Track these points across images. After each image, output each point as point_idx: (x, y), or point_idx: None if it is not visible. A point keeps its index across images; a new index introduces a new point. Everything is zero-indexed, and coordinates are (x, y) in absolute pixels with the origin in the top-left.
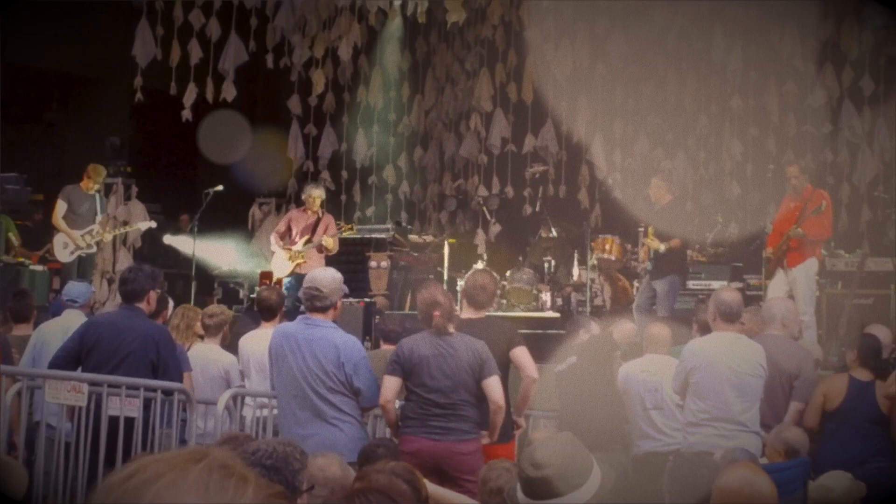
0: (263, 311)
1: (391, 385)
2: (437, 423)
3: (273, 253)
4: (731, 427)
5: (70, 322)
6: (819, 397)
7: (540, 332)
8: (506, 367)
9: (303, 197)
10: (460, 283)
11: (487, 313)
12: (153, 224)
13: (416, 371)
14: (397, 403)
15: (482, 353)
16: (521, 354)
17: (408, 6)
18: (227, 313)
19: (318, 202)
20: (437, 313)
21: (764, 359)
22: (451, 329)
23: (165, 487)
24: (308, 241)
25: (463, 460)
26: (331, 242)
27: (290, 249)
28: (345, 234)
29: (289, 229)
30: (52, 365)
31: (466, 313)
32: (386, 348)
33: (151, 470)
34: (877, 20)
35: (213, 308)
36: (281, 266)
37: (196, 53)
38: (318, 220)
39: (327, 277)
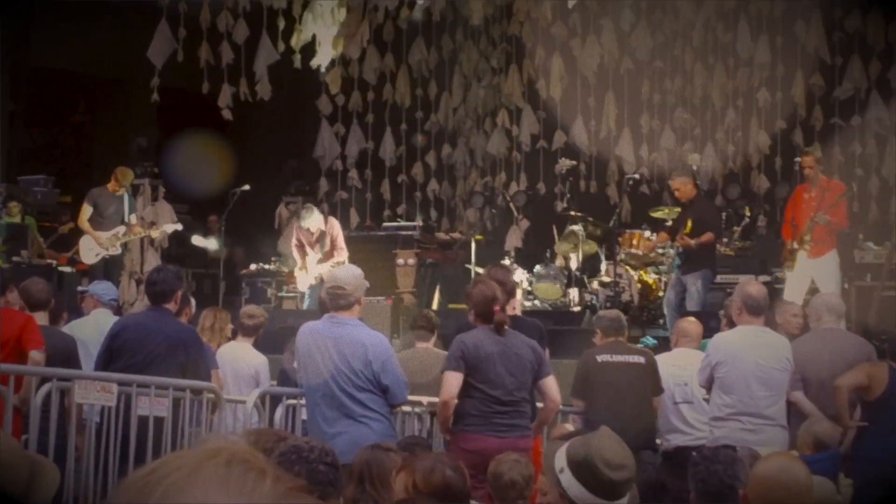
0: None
1: (455, 381)
2: (501, 421)
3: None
4: (757, 421)
5: (102, 320)
6: (864, 379)
7: (566, 328)
8: None
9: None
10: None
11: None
12: (179, 226)
13: (481, 368)
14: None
15: (540, 352)
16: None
17: (434, 4)
18: (265, 315)
19: (314, 227)
20: (497, 308)
21: (790, 352)
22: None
23: (180, 480)
24: (322, 260)
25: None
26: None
27: (307, 265)
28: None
29: (301, 243)
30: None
31: None
32: (421, 346)
33: (169, 465)
34: None
35: (254, 310)
36: (303, 279)
37: (227, 54)
38: (322, 233)
39: (350, 275)
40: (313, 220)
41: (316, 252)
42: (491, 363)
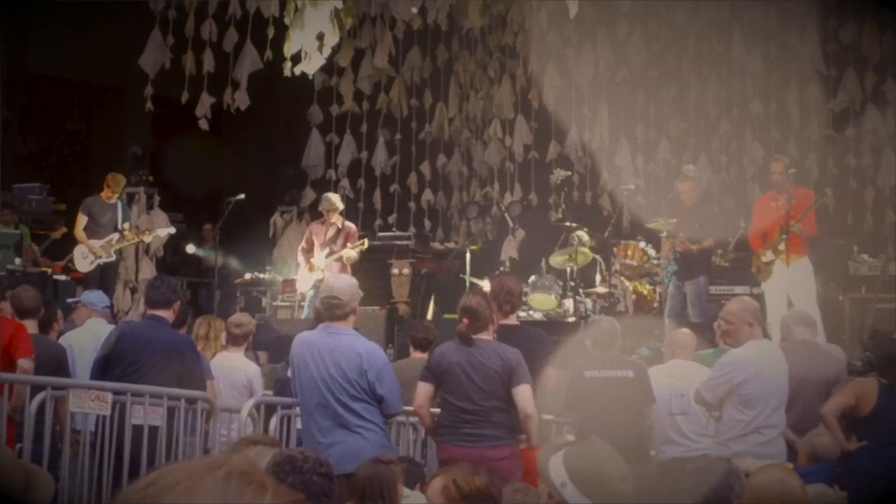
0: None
1: (423, 391)
2: (468, 431)
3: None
4: (771, 432)
5: (98, 329)
6: (851, 400)
7: (561, 338)
8: (536, 375)
9: (319, 208)
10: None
11: (519, 320)
12: (172, 230)
13: (445, 378)
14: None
15: (512, 361)
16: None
17: (428, 14)
18: (253, 323)
19: (335, 214)
20: (464, 320)
21: (786, 362)
22: (486, 336)
23: (182, 494)
24: (330, 254)
25: (497, 466)
26: (352, 255)
27: (312, 263)
28: (357, 250)
29: (312, 243)
30: (93, 379)
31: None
32: (417, 356)
33: (169, 478)
34: None
35: (241, 318)
36: (304, 279)
37: (209, 62)
38: (338, 231)
39: (344, 284)
40: (332, 203)
41: (324, 252)
42: (454, 373)
